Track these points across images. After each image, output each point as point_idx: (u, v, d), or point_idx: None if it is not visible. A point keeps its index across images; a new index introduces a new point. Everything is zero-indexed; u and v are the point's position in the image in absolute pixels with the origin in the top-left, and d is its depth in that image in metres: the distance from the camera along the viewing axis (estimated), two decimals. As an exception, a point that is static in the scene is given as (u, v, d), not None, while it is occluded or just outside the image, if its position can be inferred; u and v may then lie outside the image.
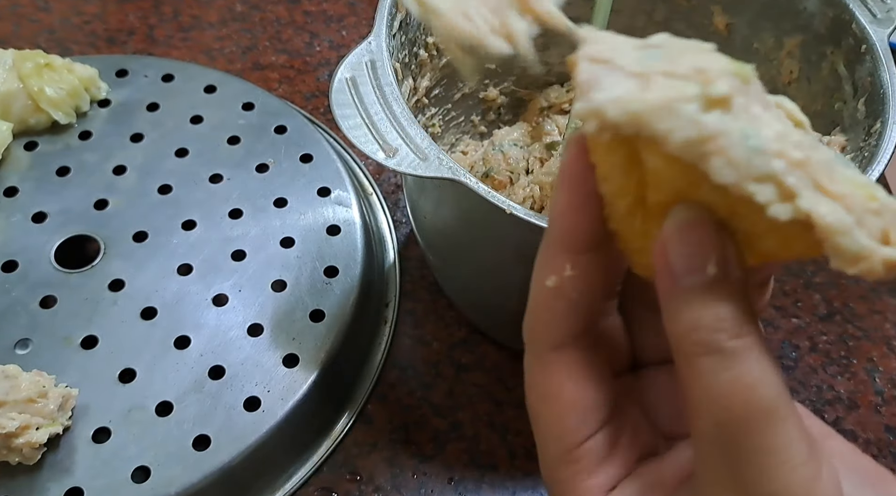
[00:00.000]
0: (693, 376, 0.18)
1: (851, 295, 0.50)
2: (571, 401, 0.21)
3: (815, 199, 0.17)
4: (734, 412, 0.18)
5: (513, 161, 0.48)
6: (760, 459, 0.18)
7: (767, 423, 0.18)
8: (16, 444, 0.35)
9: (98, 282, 0.42)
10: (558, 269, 0.21)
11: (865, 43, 0.38)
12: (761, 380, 0.18)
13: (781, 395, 0.18)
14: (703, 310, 0.18)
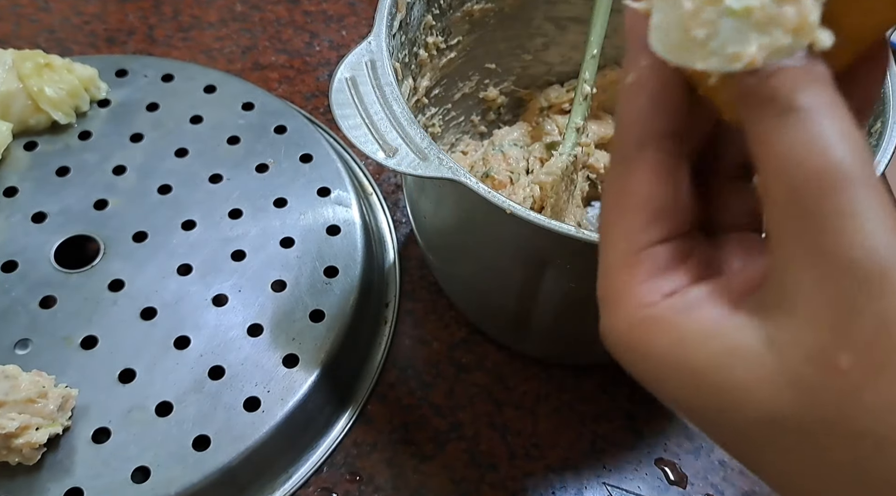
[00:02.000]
0: (764, 145, 0.17)
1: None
2: (646, 200, 0.20)
3: None
4: (808, 174, 0.16)
5: (513, 161, 0.48)
6: (839, 223, 0.16)
7: (844, 185, 0.16)
8: (16, 445, 0.35)
9: (98, 283, 0.42)
10: (635, 64, 0.20)
11: (866, 43, 0.37)
12: (837, 138, 0.16)
13: (859, 156, 0.17)
14: (779, 72, 0.17)
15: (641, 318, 0.20)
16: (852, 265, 0.16)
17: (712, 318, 0.19)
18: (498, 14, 0.45)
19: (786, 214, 0.17)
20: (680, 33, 0.18)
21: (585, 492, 0.42)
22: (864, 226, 0.16)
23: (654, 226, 0.20)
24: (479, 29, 0.46)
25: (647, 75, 0.20)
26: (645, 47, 0.20)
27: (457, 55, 0.45)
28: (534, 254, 0.35)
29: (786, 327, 0.17)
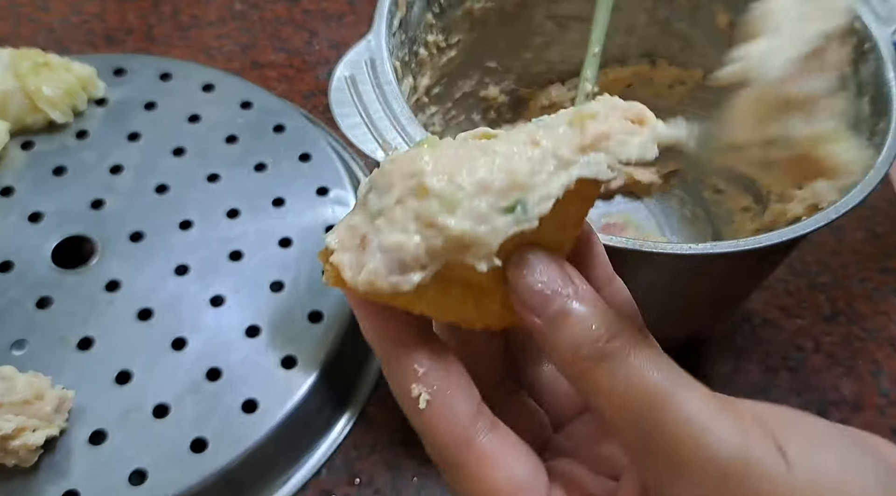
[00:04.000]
0: (593, 390, 0.19)
1: (856, 296, 0.50)
2: (505, 484, 0.20)
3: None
4: (636, 404, 0.18)
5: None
6: (682, 431, 0.18)
7: (671, 398, 0.18)
8: (12, 447, 0.35)
9: (94, 283, 0.42)
10: (411, 375, 0.20)
11: (869, 41, 0.37)
12: (649, 366, 0.19)
13: (673, 373, 0.19)
14: (576, 328, 0.19)
15: None
16: (710, 464, 0.18)
17: None
18: (498, 12, 0.45)
19: (635, 439, 0.19)
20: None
21: (587, 494, 0.41)
22: (705, 426, 0.18)
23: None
24: (480, 27, 0.45)
25: (431, 381, 0.20)
26: (410, 350, 0.20)
27: (457, 54, 0.45)
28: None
29: None
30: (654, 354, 0.19)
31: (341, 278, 0.19)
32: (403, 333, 0.20)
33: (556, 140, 0.19)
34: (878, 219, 0.53)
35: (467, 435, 0.20)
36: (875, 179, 0.33)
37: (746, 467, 0.17)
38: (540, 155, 0.19)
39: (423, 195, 0.18)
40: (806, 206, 0.38)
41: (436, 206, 0.18)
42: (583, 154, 0.19)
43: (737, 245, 0.31)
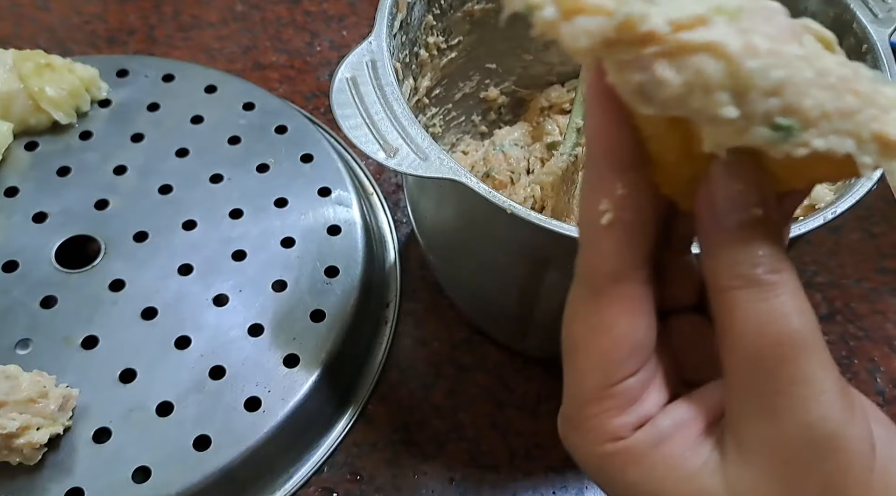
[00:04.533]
0: (729, 310, 0.19)
1: (853, 295, 0.50)
2: (624, 335, 0.20)
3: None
4: (769, 340, 0.18)
5: (513, 161, 0.48)
6: (795, 389, 0.18)
7: (802, 353, 0.18)
8: (16, 445, 0.35)
9: (98, 283, 0.42)
10: (608, 191, 0.19)
11: (866, 42, 0.37)
12: (796, 311, 0.18)
13: (814, 328, 0.19)
14: (744, 247, 0.19)
15: (614, 450, 0.21)
16: (806, 428, 0.18)
17: (680, 454, 0.20)
18: (498, 14, 0.45)
19: (745, 372, 0.19)
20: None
21: (586, 492, 0.42)
22: (818, 393, 0.18)
23: (630, 361, 0.21)
24: (480, 29, 0.45)
25: (624, 206, 0.20)
26: (617, 165, 0.19)
27: (457, 55, 0.45)
28: (534, 255, 0.35)
29: (744, 478, 0.19)
30: (802, 304, 0.19)
31: (596, 49, 0.17)
32: (626, 146, 0.19)
33: (871, 107, 0.18)
34: (875, 219, 0.53)
35: (625, 272, 0.20)
36: (872, 179, 0.33)
37: (840, 445, 0.18)
38: (844, 106, 0.17)
39: (719, 56, 0.17)
40: (803, 207, 0.38)
41: (725, 80, 0.17)
42: (876, 143, 0.18)
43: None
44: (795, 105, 0.17)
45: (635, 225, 0.20)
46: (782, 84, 0.17)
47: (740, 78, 0.17)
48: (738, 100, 0.17)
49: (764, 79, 0.17)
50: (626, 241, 0.20)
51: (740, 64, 0.17)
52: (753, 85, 0.17)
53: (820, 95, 0.17)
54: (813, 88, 0.17)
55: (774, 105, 0.17)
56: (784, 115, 0.17)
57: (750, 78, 0.17)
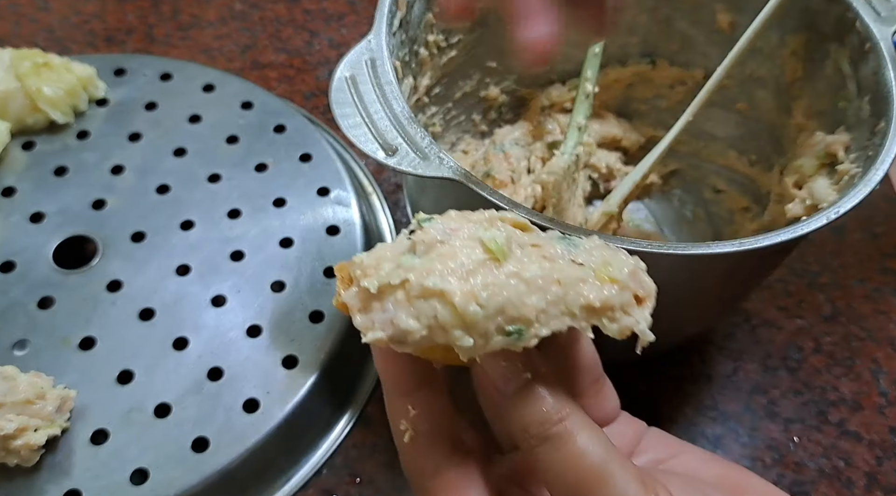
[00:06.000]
0: (535, 463, 0.23)
1: (856, 296, 0.50)
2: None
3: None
4: (572, 480, 0.22)
5: (514, 160, 0.48)
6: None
7: (600, 482, 0.22)
8: (14, 446, 0.35)
9: (96, 283, 0.42)
10: (403, 413, 0.25)
11: (870, 41, 0.37)
12: (586, 450, 0.22)
13: (608, 455, 0.22)
14: (529, 408, 0.23)
15: None
16: None
17: None
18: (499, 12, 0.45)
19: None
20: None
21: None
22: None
23: None
24: (480, 27, 0.45)
25: (419, 421, 0.25)
26: (406, 394, 0.25)
27: (458, 54, 0.45)
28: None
29: None
30: (594, 437, 0.22)
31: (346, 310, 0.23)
32: (406, 377, 0.25)
33: (573, 288, 0.22)
34: (877, 219, 0.53)
35: (438, 468, 0.24)
36: (875, 179, 0.33)
37: None
38: (553, 297, 0.22)
39: (446, 303, 0.21)
40: (806, 207, 0.38)
41: (454, 320, 0.21)
42: (586, 313, 0.22)
43: (737, 245, 0.31)
44: (517, 315, 0.22)
45: (432, 432, 0.25)
46: (503, 306, 0.21)
47: (467, 318, 0.21)
48: (470, 331, 0.22)
49: (487, 309, 0.21)
50: (430, 444, 0.25)
51: (464, 309, 0.21)
52: (478, 320, 0.21)
53: (533, 300, 0.22)
54: (526, 297, 0.22)
55: (501, 322, 0.22)
56: (511, 323, 0.22)
57: (474, 317, 0.21)
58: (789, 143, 0.43)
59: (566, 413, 0.23)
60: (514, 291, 0.22)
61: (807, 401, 0.45)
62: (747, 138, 0.47)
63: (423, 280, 0.22)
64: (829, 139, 0.39)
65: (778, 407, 0.45)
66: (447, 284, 0.22)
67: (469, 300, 0.21)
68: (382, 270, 0.23)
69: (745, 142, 0.47)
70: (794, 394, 0.45)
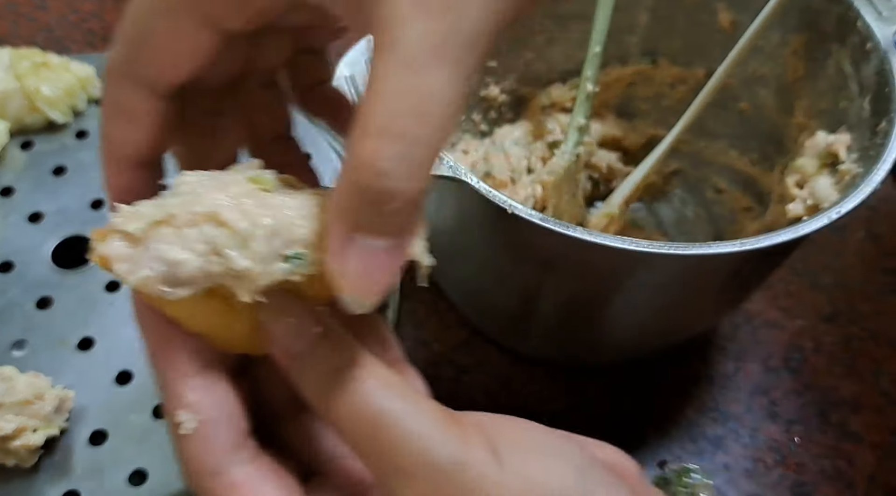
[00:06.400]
0: (334, 418, 0.20)
1: (856, 296, 0.50)
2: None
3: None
4: (369, 424, 0.20)
5: (514, 160, 0.48)
6: (408, 445, 0.20)
7: (398, 419, 0.20)
8: (12, 447, 0.35)
9: (95, 283, 0.42)
10: (180, 401, 0.21)
11: (871, 41, 0.37)
12: (378, 393, 0.20)
13: (398, 397, 0.20)
14: (322, 363, 0.20)
15: None
16: (431, 469, 0.20)
17: None
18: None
19: (371, 457, 0.20)
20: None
21: (588, 494, 0.41)
22: (426, 437, 0.20)
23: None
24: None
25: (199, 409, 0.21)
26: (187, 376, 0.21)
27: (458, 53, 0.45)
28: (535, 255, 0.34)
29: None
30: (383, 382, 0.20)
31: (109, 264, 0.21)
32: (181, 359, 0.21)
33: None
34: (879, 219, 0.53)
35: (220, 466, 0.21)
36: (876, 179, 0.33)
37: (464, 469, 0.20)
38: (320, 226, 0.21)
39: (220, 224, 0.20)
40: (807, 206, 0.38)
41: (228, 239, 0.20)
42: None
43: (738, 245, 0.31)
44: (294, 237, 0.20)
45: (216, 424, 0.21)
46: (278, 228, 0.20)
47: (242, 234, 0.20)
48: (248, 251, 0.20)
49: (263, 227, 0.20)
50: (209, 441, 0.21)
51: (237, 225, 0.20)
52: (254, 237, 0.20)
53: (306, 225, 0.20)
54: (298, 223, 0.20)
55: (278, 245, 0.20)
56: (289, 247, 0.20)
57: (250, 232, 0.20)
58: (791, 142, 0.43)
59: (362, 359, 0.21)
60: (286, 217, 0.20)
61: (808, 402, 0.45)
62: (749, 138, 0.47)
63: (191, 207, 0.20)
64: (831, 139, 0.39)
65: (779, 407, 0.45)
66: (218, 205, 0.20)
67: (242, 217, 0.20)
68: (145, 215, 0.21)
69: (747, 141, 0.47)
70: (796, 394, 0.45)
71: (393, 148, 0.17)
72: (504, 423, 0.22)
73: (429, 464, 0.20)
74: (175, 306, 0.21)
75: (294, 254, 0.20)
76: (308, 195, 0.22)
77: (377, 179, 0.18)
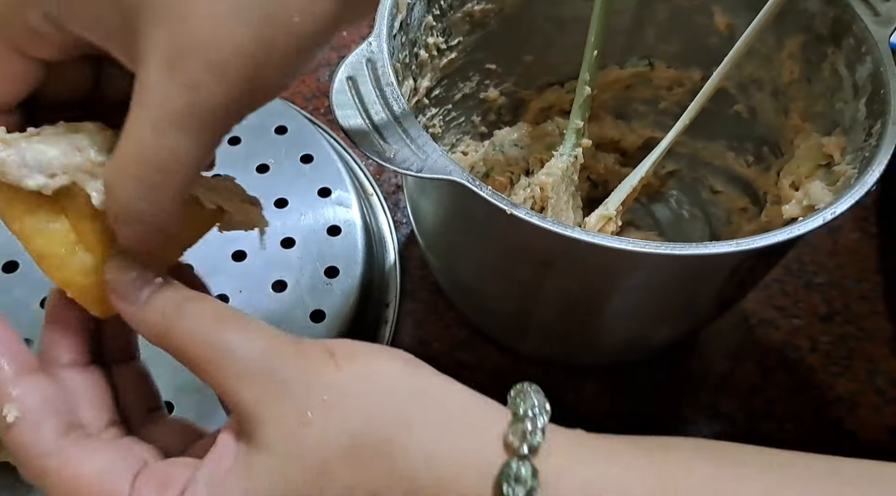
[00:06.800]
0: (172, 341, 0.24)
1: (852, 296, 0.50)
2: (90, 473, 0.23)
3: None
4: (205, 340, 0.24)
5: (513, 161, 0.48)
6: (235, 366, 0.23)
7: (231, 334, 0.24)
8: (16, 445, 0.35)
9: (99, 283, 0.42)
10: (4, 396, 0.23)
11: (866, 43, 0.38)
12: (203, 327, 0.24)
13: (221, 325, 0.24)
14: (158, 302, 0.24)
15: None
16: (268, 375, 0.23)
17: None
18: (498, 14, 0.45)
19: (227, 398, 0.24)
20: None
21: (586, 492, 0.42)
22: (259, 346, 0.24)
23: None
24: (480, 29, 0.45)
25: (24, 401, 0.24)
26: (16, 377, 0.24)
27: (457, 56, 0.45)
28: (534, 256, 0.35)
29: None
30: (222, 310, 0.24)
31: None
32: (8, 362, 0.24)
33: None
34: (873, 219, 0.53)
35: (50, 449, 0.23)
36: (871, 180, 0.33)
37: (306, 367, 0.23)
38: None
39: (77, 130, 0.24)
40: (802, 207, 0.38)
41: (86, 142, 0.23)
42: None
43: (734, 245, 0.31)
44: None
45: (41, 415, 0.23)
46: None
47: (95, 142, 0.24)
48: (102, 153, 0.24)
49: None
50: (36, 430, 0.23)
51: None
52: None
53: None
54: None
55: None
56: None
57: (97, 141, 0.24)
58: (786, 144, 0.44)
59: (200, 298, 0.24)
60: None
61: (803, 401, 0.46)
62: (745, 139, 0.47)
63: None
64: (826, 141, 0.39)
65: (775, 406, 0.45)
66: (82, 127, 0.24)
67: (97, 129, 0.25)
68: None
69: (743, 143, 0.48)
70: (791, 393, 0.46)
71: (138, 190, 0.22)
72: (343, 341, 0.25)
73: (267, 367, 0.23)
74: (28, 217, 0.24)
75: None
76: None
77: (125, 210, 0.22)
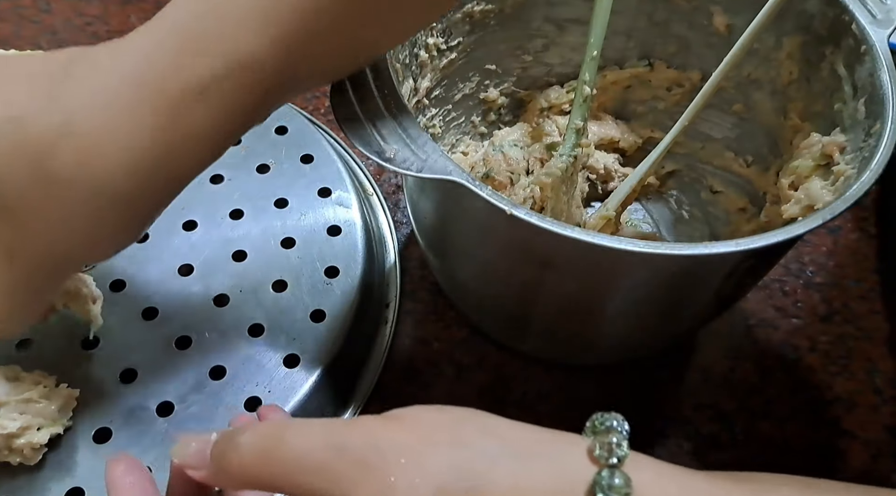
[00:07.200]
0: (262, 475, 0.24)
1: (851, 295, 0.50)
2: None
3: None
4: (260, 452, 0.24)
5: (513, 162, 0.48)
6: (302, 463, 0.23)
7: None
8: (17, 445, 0.35)
9: (99, 282, 0.42)
10: None
11: (865, 44, 0.38)
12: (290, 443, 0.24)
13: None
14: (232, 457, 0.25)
15: None
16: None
17: None
18: (498, 15, 0.46)
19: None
20: None
21: (585, 491, 0.42)
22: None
23: None
24: (480, 30, 0.46)
25: None
26: None
27: (457, 56, 0.46)
28: (534, 255, 0.35)
29: None
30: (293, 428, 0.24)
31: None
32: None
33: None
34: (873, 219, 0.53)
35: None
36: (870, 180, 0.33)
37: (372, 436, 0.23)
38: None
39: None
40: (802, 207, 0.38)
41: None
42: None
43: (733, 246, 0.31)
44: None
45: None
46: None
47: None
48: None
49: None
50: None
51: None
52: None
53: None
54: None
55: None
56: None
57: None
58: (785, 144, 0.44)
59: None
60: None
61: (802, 401, 0.46)
62: (744, 140, 0.48)
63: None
64: (825, 141, 0.39)
65: (774, 406, 0.45)
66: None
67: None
68: None
69: (742, 143, 0.48)
70: (790, 393, 0.46)
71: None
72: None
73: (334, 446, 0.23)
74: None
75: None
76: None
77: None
